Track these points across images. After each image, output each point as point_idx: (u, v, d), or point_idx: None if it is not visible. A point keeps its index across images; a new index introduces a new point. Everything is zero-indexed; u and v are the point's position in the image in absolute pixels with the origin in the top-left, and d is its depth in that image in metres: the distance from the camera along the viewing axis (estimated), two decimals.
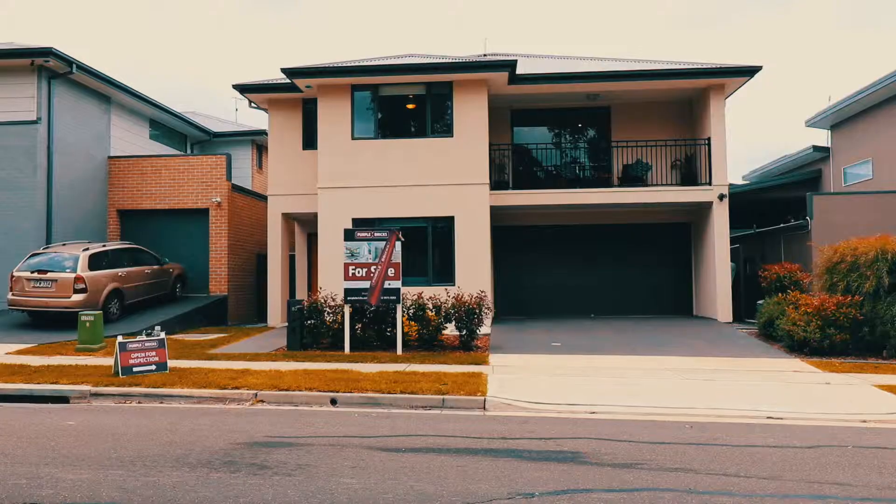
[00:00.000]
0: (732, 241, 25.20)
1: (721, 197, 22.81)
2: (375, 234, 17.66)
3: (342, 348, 17.70)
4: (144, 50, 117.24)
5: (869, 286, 17.11)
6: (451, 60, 22.69)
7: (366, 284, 17.49)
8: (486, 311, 18.54)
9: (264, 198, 27.36)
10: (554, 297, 25.73)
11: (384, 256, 17.46)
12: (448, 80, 22.57)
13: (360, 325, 18.41)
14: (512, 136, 26.22)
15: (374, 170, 22.50)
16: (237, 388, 12.94)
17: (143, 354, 14.41)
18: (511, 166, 25.37)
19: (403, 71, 22.34)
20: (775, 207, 29.70)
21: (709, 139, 23.31)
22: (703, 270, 24.20)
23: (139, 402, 12.72)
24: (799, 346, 17.28)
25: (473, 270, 21.92)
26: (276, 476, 7.69)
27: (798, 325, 17.25)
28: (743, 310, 24.20)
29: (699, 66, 23.32)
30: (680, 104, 25.96)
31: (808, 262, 21.49)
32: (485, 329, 19.82)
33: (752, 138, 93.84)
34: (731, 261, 23.50)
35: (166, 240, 26.64)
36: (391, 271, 17.46)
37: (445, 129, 22.65)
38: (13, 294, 20.83)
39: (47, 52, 23.10)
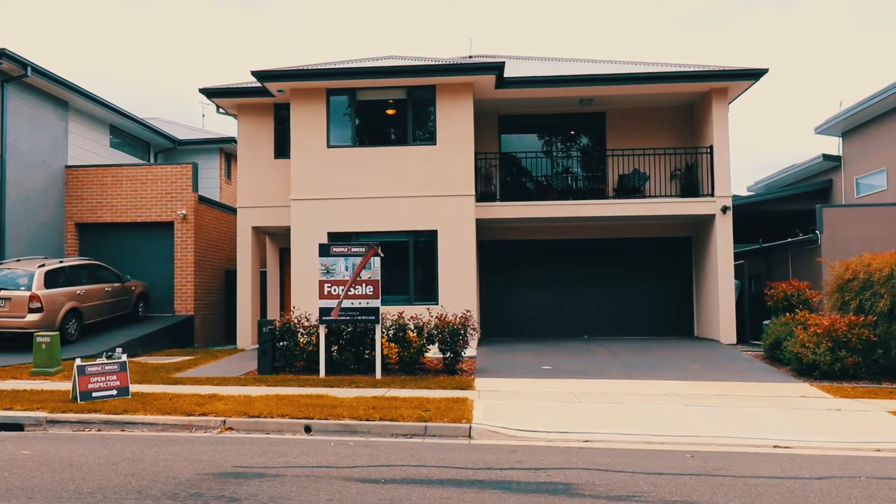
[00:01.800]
0: (736, 256, 25.27)
1: (724, 209, 22.94)
2: (353, 250, 17.70)
3: (317, 372, 17.71)
4: (105, 52, 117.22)
5: (883, 305, 17.12)
6: (434, 63, 22.79)
7: (339, 303, 17.57)
8: (471, 331, 18.57)
9: (233, 210, 27.35)
10: (544, 317, 25.79)
11: (355, 270, 17.51)
12: (431, 84, 22.67)
13: (336, 347, 18.44)
14: (499, 144, 26.33)
15: (352, 180, 22.56)
16: (204, 414, 12.94)
17: (103, 378, 14.38)
18: (498, 176, 25.42)
19: (383, 74, 22.40)
20: (782, 221, 29.86)
21: (711, 147, 23.47)
22: (705, 288, 24.32)
23: (99, 430, 12.70)
24: (808, 370, 17.33)
25: (458, 288, 21.99)
26: None
27: (807, 346, 17.26)
28: (748, 331, 24.27)
29: (700, 69, 23.45)
30: (680, 110, 26.12)
31: (817, 280, 21.59)
32: (470, 351, 19.87)
33: (757, 147, 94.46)
34: (735, 278, 23.59)
35: (128, 255, 26.61)
36: (369, 289, 17.50)
37: (428, 137, 22.75)
38: None
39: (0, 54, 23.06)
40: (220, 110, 25.71)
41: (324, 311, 17.61)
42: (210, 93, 24.35)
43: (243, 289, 24.62)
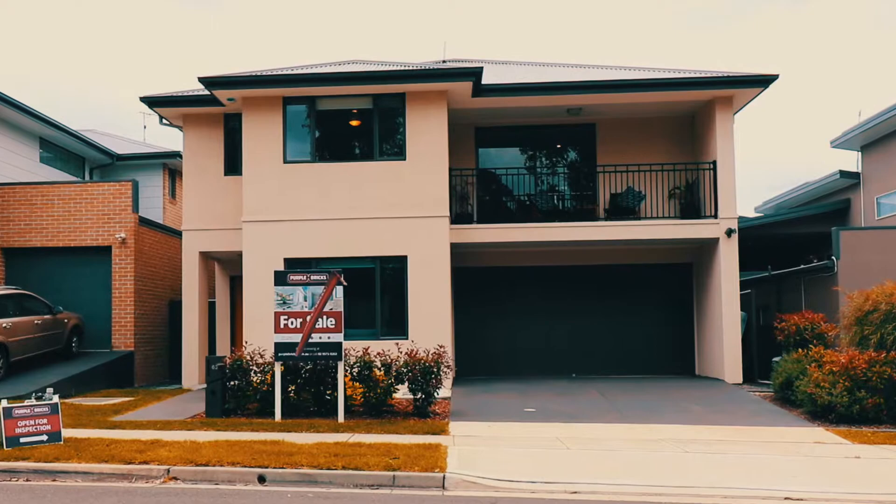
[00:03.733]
0: (743, 285, 25.43)
1: (729, 232, 23.06)
2: (312, 278, 17.72)
3: (272, 415, 17.68)
4: (34, 56, 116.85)
5: None
6: (403, 68, 22.90)
7: (300, 338, 17.55)
8: (445, 369, 18.54)
9: (179, 233, 27.28)
10: (528, 354, 25.80)
11: (319, 302, 17.53)
12: (400, 92, 22.79)
13: (293, 387, 18.41)
14: (477, 160, 26.40)
15: (311, 200, 22.61)
16: (146, 462, 12.93)
17: (32, 422, 14.38)
18: (476, 195, 25.46)
19: (346, 80, 22.47)
20: (794, 245, 30.01)
21: (714, 163, 23.64)
22: (708, 321, 24.42)
23: (27, 480, 12.68)
24: (823, 413, 17.39)
25: (430, 321, 22.04)
26: None
27: (822, 386, 17.30)
28: (755, 368, 24.34)
29: (702, 75, 23.56)
30: (679, 121, 26.29)
31: (833, 311, 21.58)
32: (444, 391, 19.88)
33: (766, 162, 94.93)
34: (742, 309, 23.68)
35: (60, 284, 26.41)
36: (331, 322, 17.51)
37: (397, 151, 22.83)
38: None
39: None
40: (164, 121, 25.65)
41: (280, 347, 17.60)
42: (152, 101, 24.31)
43: (189, 322, 24.55)
